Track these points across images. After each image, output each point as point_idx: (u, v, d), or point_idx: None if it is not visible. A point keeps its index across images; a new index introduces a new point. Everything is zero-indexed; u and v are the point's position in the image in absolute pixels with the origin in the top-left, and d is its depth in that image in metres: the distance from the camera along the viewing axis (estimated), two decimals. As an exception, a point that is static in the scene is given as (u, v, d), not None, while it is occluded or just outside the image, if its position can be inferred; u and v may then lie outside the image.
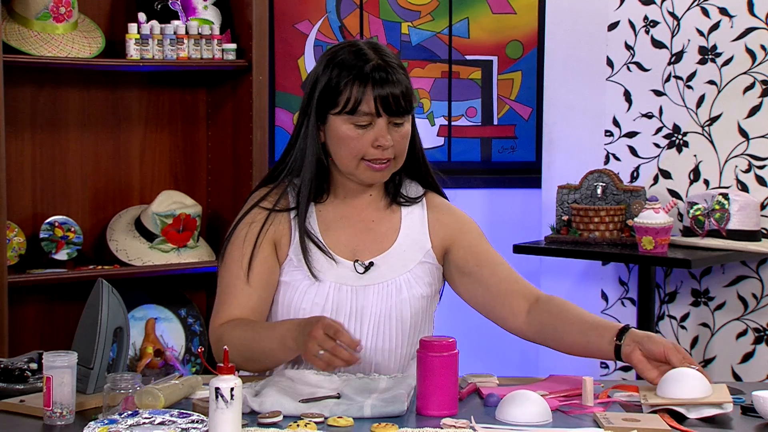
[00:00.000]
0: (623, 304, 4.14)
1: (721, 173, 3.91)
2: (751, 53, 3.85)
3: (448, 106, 4.62)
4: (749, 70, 3.86)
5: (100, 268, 3.68)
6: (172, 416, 1.93)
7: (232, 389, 1.85)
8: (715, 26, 3.92)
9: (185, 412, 1.96)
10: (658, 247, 3.62)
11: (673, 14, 3.99)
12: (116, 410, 1.98)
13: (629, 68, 4.08)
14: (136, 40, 3.63)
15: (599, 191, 3.90)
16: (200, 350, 2.03)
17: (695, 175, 3.97)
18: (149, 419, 1.92)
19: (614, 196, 3.89)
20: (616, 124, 4.11)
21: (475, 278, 2.41)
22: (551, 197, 4.11)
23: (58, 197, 3.74)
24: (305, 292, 2.33)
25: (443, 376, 2.06)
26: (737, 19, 3.87)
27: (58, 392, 1.99)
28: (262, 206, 2.39)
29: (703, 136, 3.95)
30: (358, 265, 2.36)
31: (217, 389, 1.84)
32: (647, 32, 4.04)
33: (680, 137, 3.99)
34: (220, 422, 1.84)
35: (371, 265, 2.36)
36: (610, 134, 4.13)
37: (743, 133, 3.87)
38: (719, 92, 3.91)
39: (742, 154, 3.88)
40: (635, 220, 3.67)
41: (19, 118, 3.63)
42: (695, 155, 3.97)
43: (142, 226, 3.75)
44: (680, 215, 3.94)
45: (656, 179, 4.04)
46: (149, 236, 3.73)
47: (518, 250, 3.92)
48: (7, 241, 3.45)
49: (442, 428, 1.98)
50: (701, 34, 3.94)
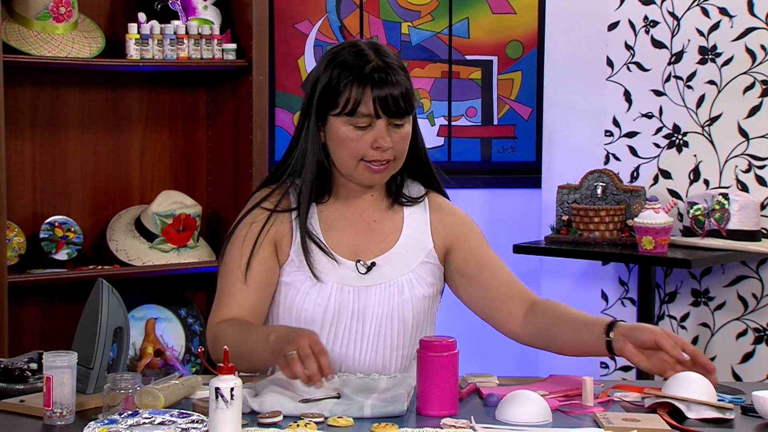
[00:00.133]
0: (623, 304, 4.14)
1: (721, 173, 3.91)
2: (751, 53, 3.85)
3: (448, 106, 4.62)
4: (749, 70, 3.86)
5: (100, 268, 3.68)
6: (172, 416, 1.93)
7: (232, 389, 1.85)
8: (715, 26, 3.92)
9: (185, 412, 1.96)
10: (658, 247, 3.62)
11: (673, 14, 3.99)
12: (116, 410, 1.98)
13: (629, 68, 4.08)
14: (136, 40, 3.63)
15: (599, 191, 3.90)
16: (200, 350, 2.03)
17: (695, 175, 3.97)
18: (149, 419, 1.92)
19: (614, 196, 3.89)
20: (616, 124, 4.11)
21: (473, 281, 2.41)
22: (551, 197, 4.11)
23: (58, 197, 3.74)
24: (307, 293, 2.33)
25: (443, 376, 2.06)
26: (737, 19, 3.87)
27: (58, 392, 1.99)
28: (263, 207, 2.38)
29: (703, 136, 3.95)
30: (360, 265, 2.36)
31: (217, 389, 1.84)
32: (647, 32, 4.04)
33: (680, 137, 3.99)
34: (220, 422, 1.85)
35: (373, 265, 2.36)
36: (610, 134, 4.12)
37: (743, 133, 3.87)
38: (719, 92, 3.91)
39: (742, 154, 3.88)
40: (635, 220, 3.67)
41: (19, 118, 3.63)
42: (695, 155, 3.97)
43: (142, 226, 3.75)
44: (680, 215, 3.94)
45: (656, 179, 4.04)
46: (149, 236, 3.73)
47: (518, 250, 3.92)
48: (7, 241, 3.45)
49: (442, 428, 1.98)
50: (701, 34, 3.94)
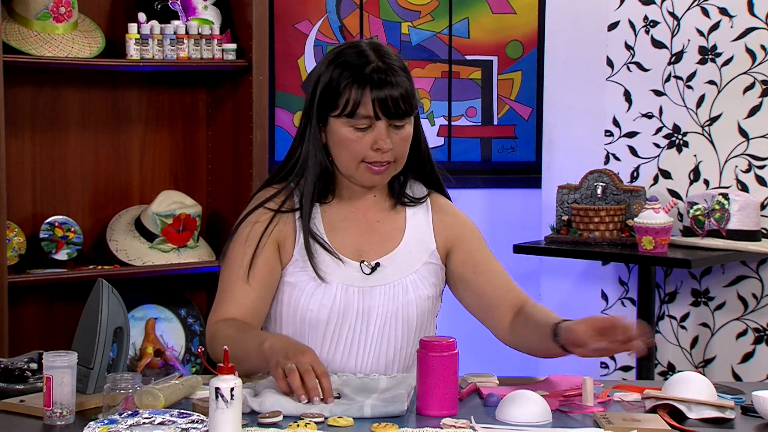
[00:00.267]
0: (623, 304, 4.14)
1: (721, 173, 3.91)
2: (751, 53, 3.85)
3: (448, 106, 4.62)
4: (749, 70, 3.86)
5: (100, 268, 3.68)
6: (172, 416, 1.93)
7: (232, 389, 1.85)
8: (715, 26, 3.92)
9: (185, 412, 1.96)
10: (658, 247, 3.62)
11: (673, 14, 3.99)
12: (116, 410, 1.98)
13: (629, 68, 4.08)
14: (136, 40, 3.63)
15: (599, 191, 3.90)
16: (200, 350, 2.03)
17: (695, 175, 3.97)
18: (149, 419, 1.92)
19: (614, 196, 3.89)
20: (616, 124, 4.11)
21: (470, 285, 2.41)
22: (551, 197, 4.11)
23: (58, 197, 3.74)
24: (312, 293, 2.33)
25: (443, 376, 2.06)
26: (737, 19, 3.87)
27: (58, 392, 1.99)
28: (267, 207, 2.38)
29: (703, 136, 3.95)
30: (364, 266, 2.35)
31: (217, 389, 1.84)
32: (647, 32, 4.04)
33: (680, 137, 3.99)
34: (220, 422, 1.84)
35: (377, 265, 2.36)
36: (610, 134, 4.12)
37: (743, 133, 3.87)
38: (719, 92, 3.91)
39: (742, 154, 3.88)
40: (635, 220, 3.67)
41: (19, 118, 3.63)
42: (695, 155, 3.97)
43: (142, 226, 3.75)
44: (680, 215, 3.93)
45: (656, 179, 4.04)
46: (149, 236, 3.73)
47: (518, 250, 3.92)
48: (7, 241, 3.45)
49: (442, 428, 1.98)
50: (701, 34, 3.94)
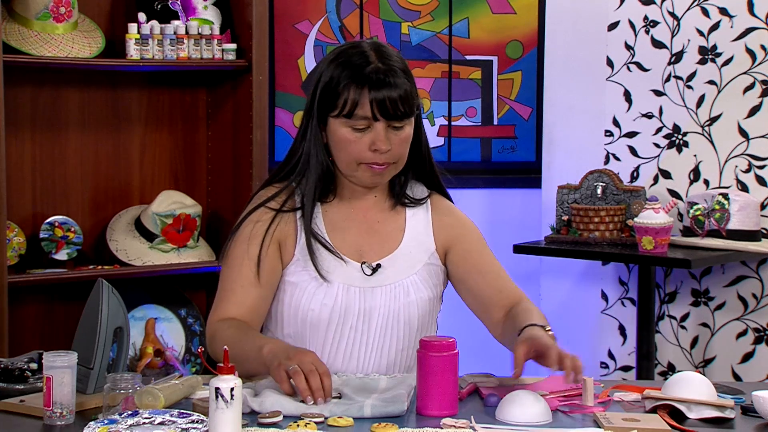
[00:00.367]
0: (623, 304, 4.14)
1: (721, 173, 3.91)
2: (751, 53, 3.85)
3: (448, 106, 4.62)
4: (749, 70, 3.86)
5: (100, 268, 3.67)
6: (172, 416, 1.93)
7: (232, 389, 1.85)
8: (715, 26, 3.92)
9: (185, 412, 1.96)
10: (658, 247, 3.62)
11: (673, 14, 3.99)
12: (116, 410, 1.98)
13: (629, 68, 4.08)
14: (136, 40, 3.63)
15: (599, 191, 3.90)
16: (200, 350, 2.03)
17: (695, 175, 3.97)
18: (149, 419, 1.92)
19: (614, 196, 3.89)
20: (616, 124, 4.11)
21: (466, 284, 2.42)
22: (551, 197, 4.11)
23: (58, 197, 3.74)
24: (313, 293, 2.33)
25: (443, 376, 2.06)
26: (737, 19, 3.87)
27: (58, 392, 1.99)
28: (268, 206, 2.38)
29: (703, 136, 3.95)
30: (365, 267, 2.36)
31: (217, 389, 1.84)
32: (647, 32, 4.04)
33: (680, 137, 3.99)
34: (220, 422, 1.84)
35: (378, 266, 2.36)
36: (610, 134, 4.12)
37: (743, 133, 3.87)
38: (719, 92, 3.91)
39: (742, 154, 3.88)
40: (635, 220, 3.67)
41: (19, 118, 3.63)
42: (695, 155, 3.97)
43: (142, 226, 3.75)
44: (680, 215, 3.93)
45: (656, 179, 4.04)
46: (149, 236, 3.73)
47: (518, 250, 3.92)
48: (7, 241, 3.45)
49: (442, 428, 1.98)
50: (701, 34, 3.94)
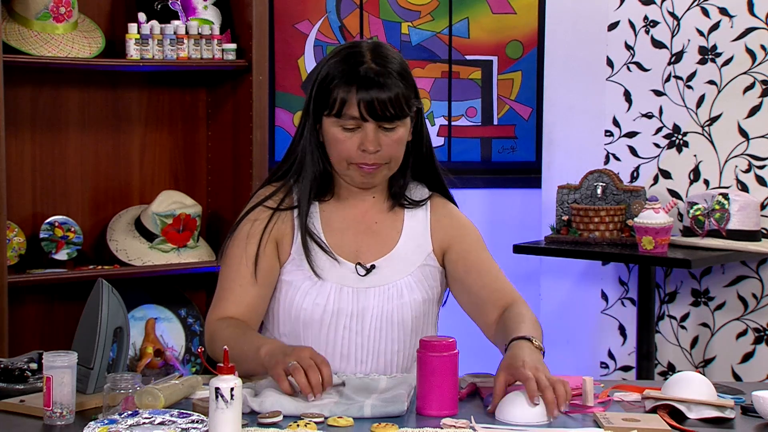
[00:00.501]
0: (623, 304, 4.14)
1: (721, 173, 3.91)
2: (751, 53, 3.85)
3: (448, 106, 4.62)
4: (749, 70, 3.86)
5: (100, 268, 3.68)
6: (172, 416, 1.93)
7: (232, 389, 1.85)
8: (715, 26, 3.92)
9: (185, 412, 1.96)
10: (658, 247, 3.62)
11: (673, 14, 3.99)
12: (116, 410, 1.98)
13: (629, 68, 4.08)
14: (136, 40, 3.63)
15: (599, 191, 3.90)
16: (200, 350, 2.03)
17: (695, 175, 3.97)
18: (149, 419, 1.92)
19: (614, 196, 3.88)
20: (616, 124, 4.11)
21: (462, 285, 2.40)
22: (551, 197, 4.11)
23: (58, 197, 3.74)
24: (307, 292, 2.33)
25: (443, 376, 2.06)
26: (737, 19, 3.87)
27: (58, 392, 1.99)
28: (266, 205, 2.38)
29: (703, 136, 3.95)
30: (359, 267, 2.36)
31: (217, 389, 1.84)
32: (647, 32, 4.04)
33: (680, 137, 3.99)
34: (220, 422, 1.85)
35: (373, 267, 2.36)
36: (610, 134, 4.12)
37: (743, 133, 3.87)
38: (719, 92, 3.91)
39: (742, 154, 3.88)
40: (635, 220, 3.67)
41: (19, 118, 3.63)
42: (695, 155, 3.97)
43: (142, 226, 3.75)
44: (680, 215, 3.93)
45: (656, 179, 4.04)
46: (149, 236, 3.73)
47: (518, 250, 3.92)
48: (7, 241, 3.45)
49: (442, 428, 1.98)
50: (701, 34, 3.94)
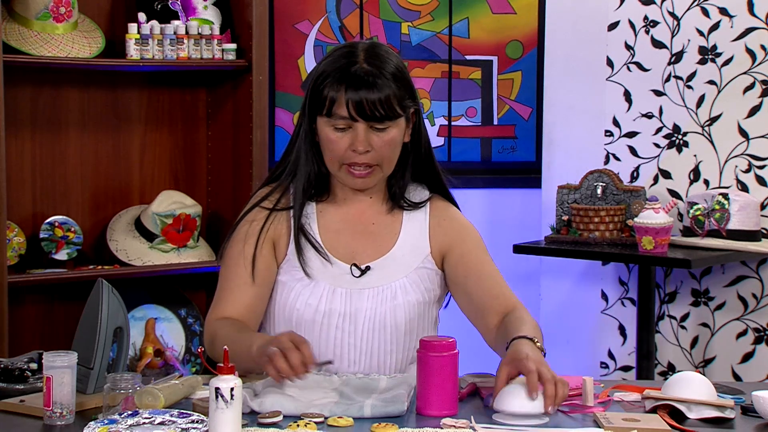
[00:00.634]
0: (623, 304, 4.14)
1: (721, 173, 3.91)
2: (751, 53, 3.85)
3: (448, 106, 4.62)
4: (749, 70, 3.86)
5: (100, 268, 3.68)
6: (172, 416, 1.93)
7: (232, 389, 1.85)
8: (715, 26, 3.92)
9: (185, 412, 1.96)
10: (658, 247, 3.62)
11: (673, 14, 3.99)
12: (116, 410, 1.98)
13: (629, 68, 4.08)
14: (136, 40, 3.63)
15: (599, 191, 3.90)
16: (200, 350, 2.03)
17: (695, 175, 3.97)
18: (149, 419, 1.92)
19: (614, 196, 3.88)
20: (616, 124, 4.11)
21: (461, 289, 2.38)
22: (551, 197, 4.11)
23: (58, 197, 3.74)
24: (300, 292, 2.33)
25: (443, 376, 2.06)
26: (737, 19, 3.87)
27: (58, 392, 1.99)
28: (262, 206, 2.39)
29: (703, 136, 3.95)
30: (354, 268, 2.35)
31: (217, 389, 1.84)
32: (647, 32, 4.04)
33: (680, 137, 3.99)
34: (220, 422, 1.85)
35: (368, 269, 2.36)
36: (610, 134, 4.12)
37: (743, 133, 3.87)
38: (719, 92, 3.91)
39: (742, 154, 3.88)
40: (635, 220, 3.67)
41: (19, 118, 3.63)
42: (695, 155, 3.97)
43: (142, 226, 3.75)
44: (680, 215, 3.93)
45: (656, 179, 4.04)
46: (149, 236, 3.73)
47: (518, 250, 3.91)
48: (7, 241, 3.45)
49: (442, 428, 1.98)
50: (701, 34, 3.94)
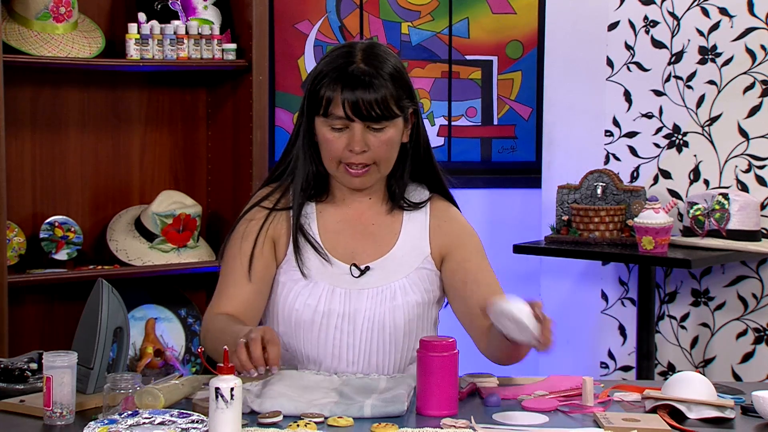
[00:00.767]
0: (623, 304, 4.14)
1: (721, 173, 3.91)
2: (751, 53, 3.85)
3: (448, 106, 4.62)
4: (749, 70, 3.86)
5: (100, 268, 3.68)
6: (172, 416, 1.93)
7: (232, 389, 1.85)
8: (715, 26, 3.92)
9: (185, 412, 1.96)
10: (658, 247, 3.62)
11: (673, 14, 3.99)
12: (116, 410, 1.98)
13: (629, 68, 4.08)
14: (136, 40, 3.63)
15: (599, 191, 3.90)
16: (200, 350, 2.03)
17: (695, 175, 3.97)
18: (149, 419, 1.92)
19: (614, 196, 3.89)
20: (616, 124, 4.11)
21: (458, 294, 2.37)
22: (551, 197, 4.11)
23: (58, 197, 3.74)
24: (299, 292, 2.33)
25: (443, 376, 2.06)
26: (737, 19, 3.87)
27: (58, 392, 2.00)
28: (262, 205, 2.39)
29: (703, 136, 3.95)
30: (354, 268, 2.35)
31: (217, 389, 1.84)
32: (647, 32, 4.04)
33: (680, 137, 3.99)
34: (220, 422, 1.85)
35: (367, 269, 2.35)
36: (610, 134, 4.12)
37: (743, 133, 3.87)
38: (719, 92, 3.91)
39: (742, 154, 3.88)
40: (635, 220, 3.67)
41: (19, 118, 3.63)
42: (695, 155, 3.97)
43: (142, 226, 3.75)
44: (680, 215, 3.93)
45: (656, 179, 4.04)
46: (149, 236, 3.73)
47: (518, 250, 3.91)
48: (7, 241, 3.45)
49: (442, 428, 1.98)
50: (701, 34, 3.94)
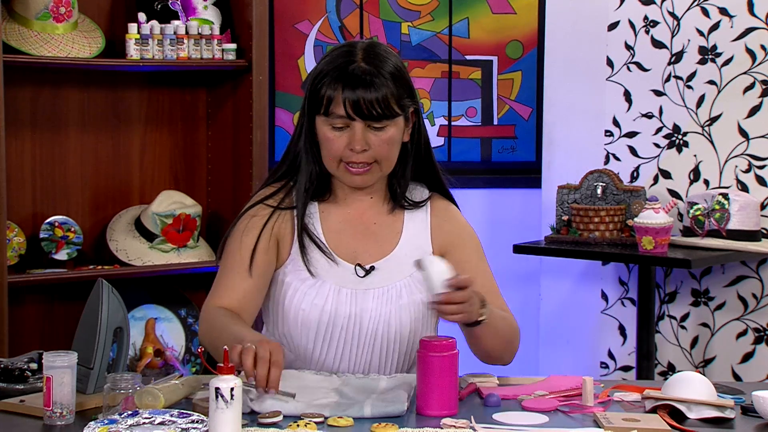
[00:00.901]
0: (623, 304, 4.14)
1: (721, 173, 3.91)
2: (751, 53, 3.85)
3: (448, 106, 4.62)
4: (749, 70, 3.86)
5: (100, 268, 3.68)
6: (172, 416, 1.93)
7: (232, 389, 1.85)
8: (715, 26, 3.92)
9: (185, 412, 1.96)
10: (658, 247, 3.62)
11: (673, 14, 3.99)
12: (116, 410, 1.98)
13: (629, 68, 4.08)
14: (136, 40, 3.63)
15: (599, 191, 3.90)
16: (200, 350, 2.03)
17: (695, 175, 3.97)
18: (149, 419, 1.92)
19: (614, 196, 3.88)
20: (616, 124, 4.11)
21: None
22: (551, 197, 4.11)
23: (58, 197, 3.74)
24: (305, 293, 2.33)
25: (443, 376, 2.06)
26: (737, 19, 3.87)
27: (58, 392, 1.99)
28: (266, 203, 2.38)
29: (703, 136, 3.95)
30: (358, 268, 2.35)
31: (217, 389, 1.84)
32: (647, 32, 4.04)
33: (680, 137, 3.99)
34: (220, 422, 1.85)
35: (372, 269, 2.36)
36: (610, 134, 4.12)
37: (743, 133, 3.87)
38: (719, 92, 3.91)
39: (742, 154, 3.88)
40: (635, 220, 3.67)
41: (19, 118, 3.63)
42: (695, 155, 3.97)
43: (142, 226, 3.75)
44: (680, 215, 3.93)
45: (656, 179, 4.04)
46: (149, 236, 3.73)
47: (518, 250, 3.91)
48: (7, 241, 3.45)
49: (442, 428, 1.98)
50: (701, 34, 3.94)
